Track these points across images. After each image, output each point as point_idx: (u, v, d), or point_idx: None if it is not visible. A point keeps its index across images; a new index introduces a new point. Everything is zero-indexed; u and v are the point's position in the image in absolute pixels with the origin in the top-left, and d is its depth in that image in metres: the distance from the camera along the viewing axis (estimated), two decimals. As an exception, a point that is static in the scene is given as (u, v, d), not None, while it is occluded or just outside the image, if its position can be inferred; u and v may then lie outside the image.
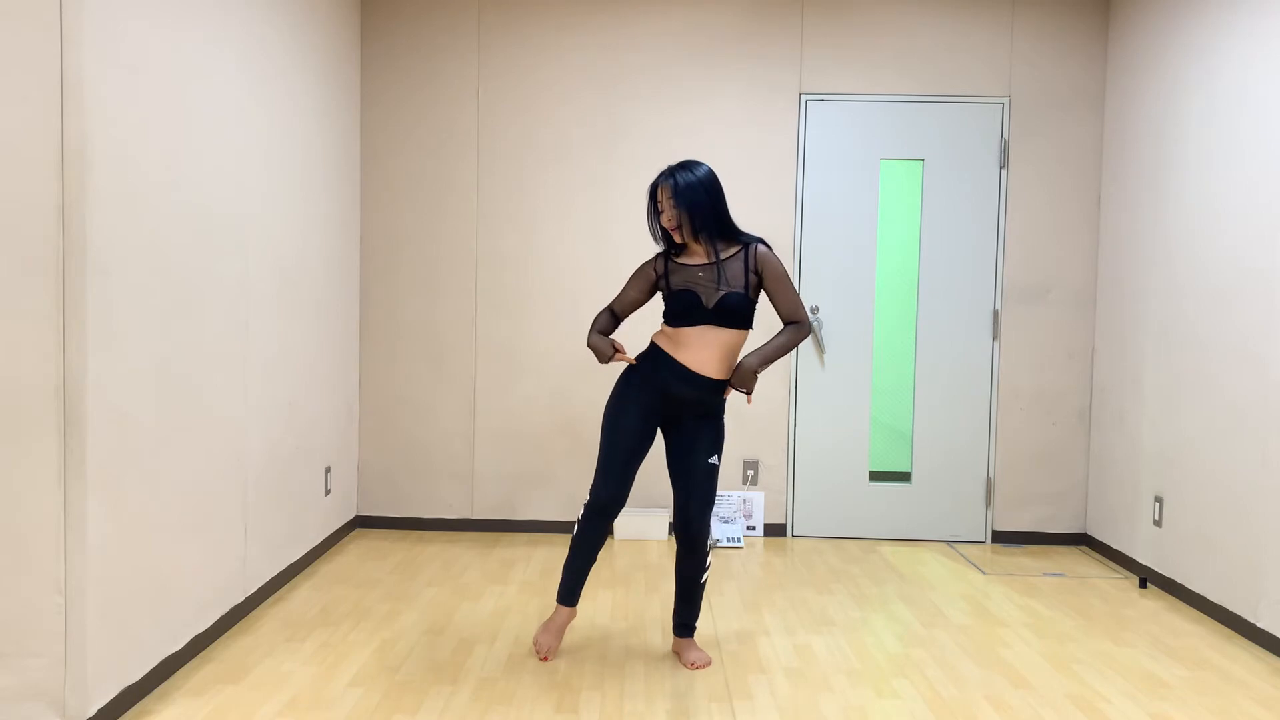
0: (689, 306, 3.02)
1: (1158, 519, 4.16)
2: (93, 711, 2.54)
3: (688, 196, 2.98)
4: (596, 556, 3.19)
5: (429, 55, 4.73)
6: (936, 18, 4.74)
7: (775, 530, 4.86)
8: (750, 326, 3.08)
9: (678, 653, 3.23)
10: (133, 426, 2.68)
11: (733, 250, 3.05)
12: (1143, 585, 4.18)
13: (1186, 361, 3.97)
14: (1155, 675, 3.18)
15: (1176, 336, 4.05)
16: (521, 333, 4.80)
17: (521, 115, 4.75)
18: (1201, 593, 3.83)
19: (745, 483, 4.85)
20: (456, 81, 4.75)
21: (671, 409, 3.11)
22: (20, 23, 2.38)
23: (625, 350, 3.18)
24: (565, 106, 4.75)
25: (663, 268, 3.12)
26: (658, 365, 3.08)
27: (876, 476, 4.88)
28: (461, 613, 3.63)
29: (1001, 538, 4.84)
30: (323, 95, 4.19)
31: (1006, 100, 4.75)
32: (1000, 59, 4.75)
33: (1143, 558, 4.28)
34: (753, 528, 4.83)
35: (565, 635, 3.34)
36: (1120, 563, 4.47)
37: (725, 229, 3.04)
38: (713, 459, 3.12)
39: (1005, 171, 4.77)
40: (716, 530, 4.72)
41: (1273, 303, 3.45)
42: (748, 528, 4.82)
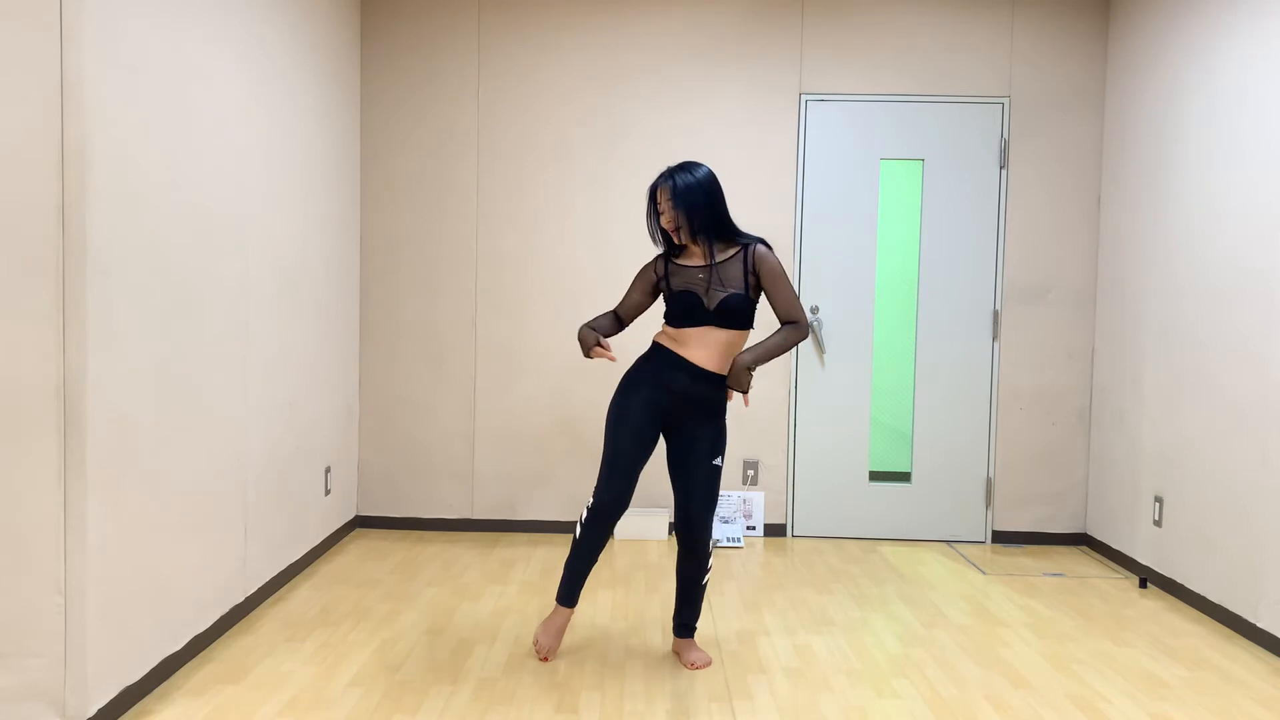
0: (690, 308, 3.02)
1: (1158, 519, 4.16)
2: (93, 711, 2.54)
3: (687, 198, 2.98)
4: (597, 558, 3.18)
5: (429, 55, 4.73)
6: (936, 18, 4.74)
7: (775, 530, 4.86)
8: (751, 326, 3.07)
9: (678, 653, 3.23)
10: (133, 426, 2.68)
11: (731, 251, 3.04)
12: (1143, 585, 4.18)
13: (1186, 361, 3.97)
14: (1155, 675, 3.18)
15: (1176, 336, 4.05)
16: (521, 333, 4.80)
17: (521, 115, 4.75)
18: (1201, 593, 3.84)
19: (745, 483, 4.85)
20: (456, 81, 4.75)
21: (676, 409, 3.10)
22: (20, 23, 2.38)
23: (610, 349, 3.10)
24: (565, 106, 4.75)
25: (663, 269, 3.12)
26: (661, 362, 3.07)
27: (876, 476, 4.88)
28: (461, 613, 3.63)
29: (1001, 538, 4.84)
30: (323, 95, 4.19)
31: (1006, 100, 4.75)
32: (1000, 59, 4.75)
33: (1143, 558, 4.28)
34: (753, 528, 4.83)
35: (565, 635, 3.34)
36: (1120, 563, 4.47)
37: (724, 230, 3.04)
38: (715, 460, 3.12)
39: (1005, 171, 4.77)
40: (717, 530, 4.72)
41: (1273, 303, 3.45)
42: (748, 528, 4.82)
